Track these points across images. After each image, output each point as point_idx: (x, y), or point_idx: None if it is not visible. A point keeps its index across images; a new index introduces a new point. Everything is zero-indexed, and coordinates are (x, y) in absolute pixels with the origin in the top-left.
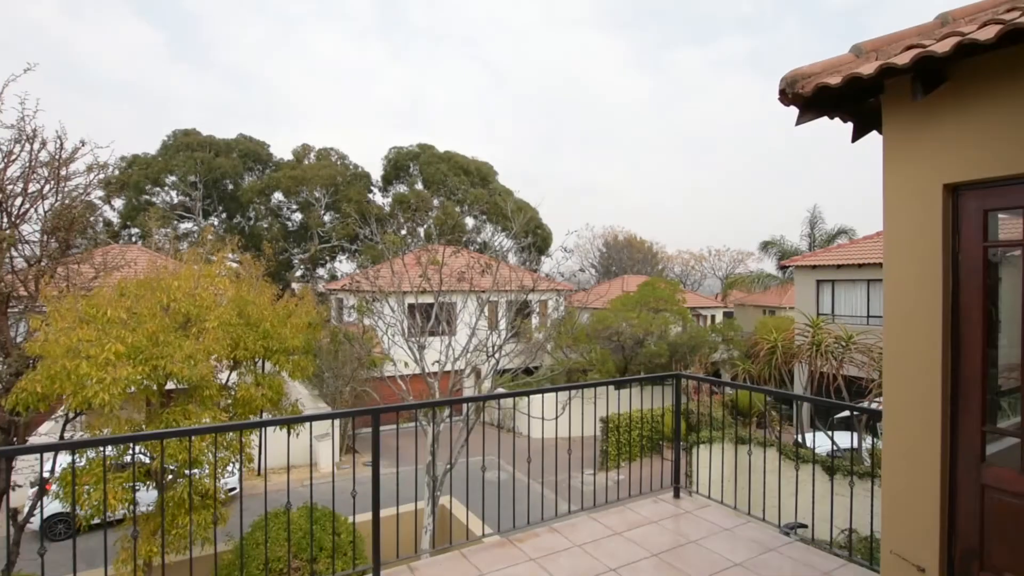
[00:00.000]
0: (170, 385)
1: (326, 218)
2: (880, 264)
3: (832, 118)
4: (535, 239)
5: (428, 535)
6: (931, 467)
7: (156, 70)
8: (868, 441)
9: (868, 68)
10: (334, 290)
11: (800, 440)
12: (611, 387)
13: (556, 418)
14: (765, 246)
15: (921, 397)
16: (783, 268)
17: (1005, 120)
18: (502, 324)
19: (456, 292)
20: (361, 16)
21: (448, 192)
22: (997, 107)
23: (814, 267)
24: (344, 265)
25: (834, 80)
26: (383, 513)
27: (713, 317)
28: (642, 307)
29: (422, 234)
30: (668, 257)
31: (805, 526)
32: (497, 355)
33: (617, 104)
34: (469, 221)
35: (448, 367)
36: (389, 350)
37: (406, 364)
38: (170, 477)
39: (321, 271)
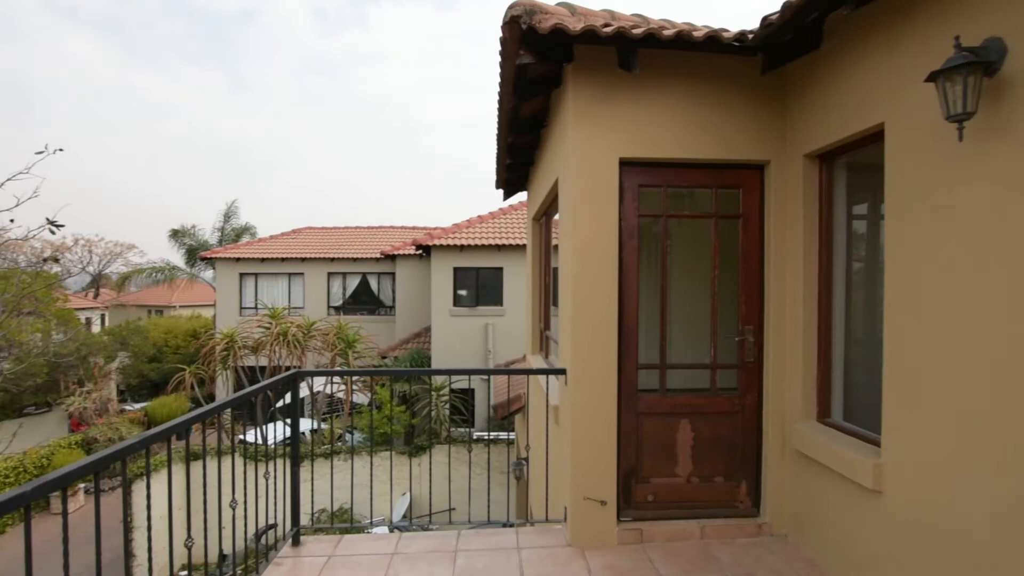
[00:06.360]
0: None
1: None
2: (287, 259)
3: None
4: None
5: None
6: (607, 410)
7: None
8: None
9: (595, 24)
10: None
11: (253, 439)
12: None
13: None
14: (175, 234)
15: (602, 346)
16: (205, 260)
17: (662, 108)
18: None
19: None
20: None
21: None
22: (656, 96)
23: (238, 260)
24: None
25: (576, 25)
26: None
27: (90, 320)
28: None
29: None
30: (12, 245)
31: (275, 526)
32: None
33: None
34: None
35: None
36: None
37: None
38: None
39: None
